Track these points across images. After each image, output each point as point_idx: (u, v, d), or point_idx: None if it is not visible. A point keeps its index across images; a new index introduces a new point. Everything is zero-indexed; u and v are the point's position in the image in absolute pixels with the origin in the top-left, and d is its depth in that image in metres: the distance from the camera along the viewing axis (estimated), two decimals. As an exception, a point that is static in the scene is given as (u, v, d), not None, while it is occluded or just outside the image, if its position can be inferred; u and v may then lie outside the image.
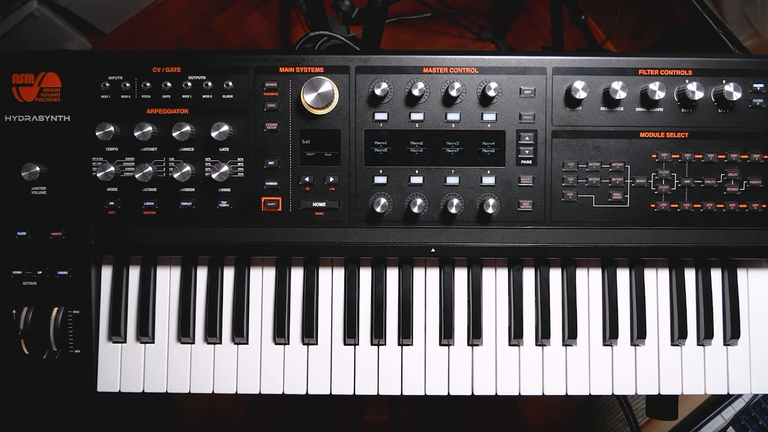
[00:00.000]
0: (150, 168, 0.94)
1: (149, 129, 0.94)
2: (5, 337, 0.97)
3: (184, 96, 0.96)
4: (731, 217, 0.96)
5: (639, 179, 0.96)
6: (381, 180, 0.96)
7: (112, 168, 0.94)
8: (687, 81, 0.95)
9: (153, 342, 1.01)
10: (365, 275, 1.02)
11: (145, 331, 0.99)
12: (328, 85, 0.94)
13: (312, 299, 1.00)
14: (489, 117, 0.96)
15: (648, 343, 1.00)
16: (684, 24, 1.87)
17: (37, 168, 0.94)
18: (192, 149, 0.96)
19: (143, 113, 0.96)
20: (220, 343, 1.01)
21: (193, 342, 1.01)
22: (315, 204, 0.97)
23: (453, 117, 0.96)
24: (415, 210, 0.94)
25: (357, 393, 0.99)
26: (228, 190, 0.96)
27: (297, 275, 1.01)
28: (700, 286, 1.01)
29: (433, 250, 0.97)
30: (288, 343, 1.00)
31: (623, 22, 1.96)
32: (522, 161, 0.96)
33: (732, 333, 1.00)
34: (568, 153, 0.96)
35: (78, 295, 0.98)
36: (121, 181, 0.96)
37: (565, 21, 1.76)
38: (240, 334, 0.99)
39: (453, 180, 0.96)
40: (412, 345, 1.00)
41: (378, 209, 0.94)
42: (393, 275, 1.02)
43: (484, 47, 2.18)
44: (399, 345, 1.00)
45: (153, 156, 0.96)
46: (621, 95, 0.93)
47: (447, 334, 0.99)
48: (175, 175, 0.94)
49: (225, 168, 0.94)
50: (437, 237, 0.97)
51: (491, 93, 0.93)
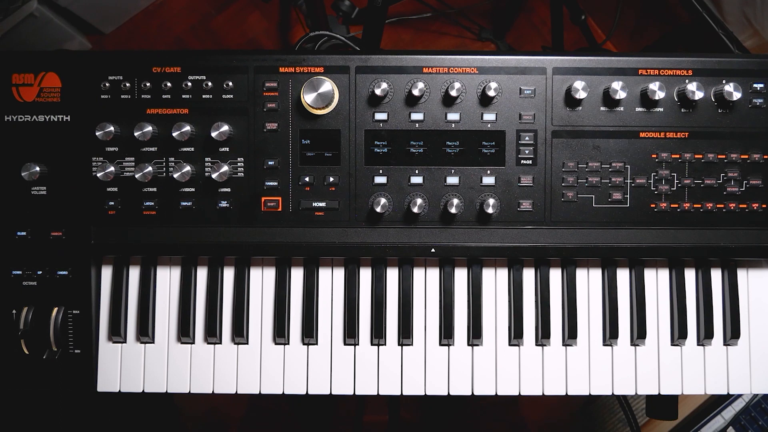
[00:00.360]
0: (150, 168, 0.94)
1: (149, 129, 0.94)
2: (5, 337, 0.97)
3: (184, 96, 0.96)
4: (731, 217, 0.96)
5: (639, 179, 0.96)
6: (381, 180, 0.96)
7: (112, 168, 0.94)
8: (687, 81, 0.95)
9: (153, 342, 1.01)
10: (365, 275, 1.02)
11: (145, 331, 0.99)
12: (328, 85, 0.94)
13: (312, 299, 1.00)
14: (489, 117, 0.96)
15: (648, 343, 1.00)
16: (684, 24, 1.87)
17: (37, 168, 0.94)
18: (192, 149, 0.96)
19: (143, 113, 0.96)
20: (220, 343, 1.01)
21: (193, 342, 1.01)
22: (315, 204, 0.97)
23: (453, 117, 0.96)
24: (415, 210, 0.94)
25: (357, 393, 0.99)
26: (228, 190, 0.96)
27: (297, 275, 1.01)
28: (700, 286, 1.01)
29: (433, 250, 0.97)
30: (288, 343, 1.00)
31: (623, 22, 1.96)
32: (522, 161, 0.96)
33: (732, 333, 1.00)
34: (568, 153, 0.96)
35: (78, 295, 0.98)
36: (121, 181, 0.96)
37: (565, 21, 1.76)
38: (240, 334, 0.99)
39: (453, 180, 0.96)
40: (412, 345, 1.00)
41: (378, 209, 0.94)
42: (393, 275, 1.02)
43: (484, 47, 2.18)
44: (399, 345, 1.00)
45: (153, 156, 0.96)
46: (621, 95, 0.93)
47: (447, 334, 0.99)
48: (175, 175, 0.94)
49: (225, 168, 0.94)
50: (437, 237, 0.97)
51: (491, 93, 0.93)
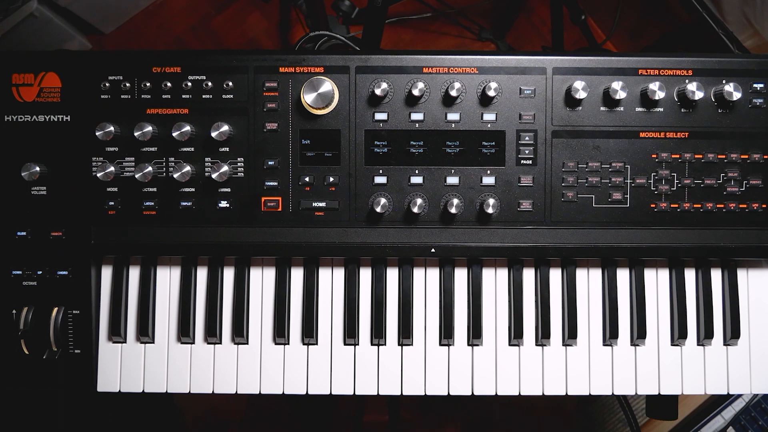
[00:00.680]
0: (150, 168, 0.94)
1: (149, 129, 0.94)
2: (5, 337, 0.97)
3: (184, 96, 0.96)
4: (731, 217, 0.96)
5: (639, 179, 0.96)
6: (381, 180, 0.96)
7: (112, 168, 0.94)
8: (687, 81, 0.95)
9: (153, 342, 1.01)
10: (365, 275, 1.02)
11: (145, 331, 0.99)
12: (328, 85, 0.94)
13: (312, 299, 1.00)
14: (489, 117, 0.96)
15: (648, 343, 1.00)
16: (684, 24, 1.87)
17: (37, 168, 0.94)
18: (192, 149, 0.96)
19: (143, 113, 0.96)
20: (220, 343, 1.01)
21: (193, 342, 1.01)
22: (315, 204, 0.97)
23: (453, 117, 0.96)
24: (415, 210, 0.94)
25: (357, 393, 0.99)
26: (228, 190, 0.96)
27: (297, 275, 1.01)
28: (700, 286, 1.01)
29: (433, 250, 0.97)
30: (288, 343, 1.00)
31: (623, 22, 1.96)
32: (522, 161, 0.96)
33: (732, 333, 1.00)
34: (568, 153, 0.96)
35: (78, 295, 0.98)
36: (121, 181, 0.96)
37: (565, 21, 1.76)
38: (240, 334, 0.99)
39: (453, 180, 0.96)
40: (412, 345, 1.00)
41: (378, 209, 0.94)
42: (393, 275, 1.02)
43: (484, 47, 2.18)
44: (399, 345, 1.00)
45: (153, 156, 0.96)
46: (621, 95, 0.93)
47: (447, 334, 0.99)
48: (175, 175, 0.94)
49: (225, 168, 0.94)
50: (437, 237, 0.97)
51: (491, 93, 0.93)
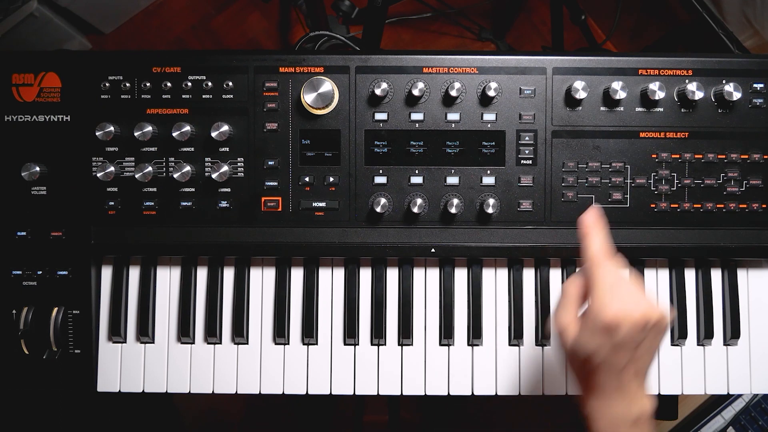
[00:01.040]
0: (150, 168, 0.94)
1: (149, 129, 0.94)
2: (5, 337, 0.97)
3: (184, 96, 0.96)
4: (731, 217, 0.96)
5: (639, 179, 0.96)
6: (381, 180, 0.96)
7: (112, 168, 0.94)
8: (687, 81, 0.95)
9: (153, 342, 1.01)
10: (365, 275, 1.02)
11: (145, 331, 0.99)
12: (328, 85, 0.94)
13: (312, 299, 1.00)
14: (489, 117, 0.96)
15: (648, 343, 1.00)
16: (684, 24, 1.87)
17: (37, 168, 0.94)
18: (192, 149, 0.96)
19: (143, 113, 0.96)
20: (220, 343, 1.01)
21: (193, 342, 1.01)
22: (315, 204, 0.97)
23: (453, 117, 0.96)
24: (415, 210, 0.94)
25: (357, 393, 0.99)
26: (228, 190, 0.96)
27: (297, 275, 1.01)
28: (700, 286, 1.01)
29: (433, 250, 0.97)
30: (288, 343, 1.00)
31: (623, 22, 1.96)
32: (522, 161, 0.96)
33: (732, 333, 1.00)
34: (568, 153, 0.96)
35: (78, 295, 0.98)
36: (121, 181, 0.96)
37: (565, 21, 1.76)
38: (240, 334, 0.99)
39: (453, 180, 0.96)
40: (412, 345, 1.00)
41: (378, 209, 0.94)
42: (393, 275, 1.02)
43: (484, 47, 2.18)
44: (399, 345, 1.00)
45: (153, 156, 0.96)
46: (621, 95, 0.93)
47: (447, 334, 0.99)
48: (175, 175, 0.94)
49: (225, 168, 0.94)
50: (437, 237, 0.97)
51: (491, 93, 0.93)
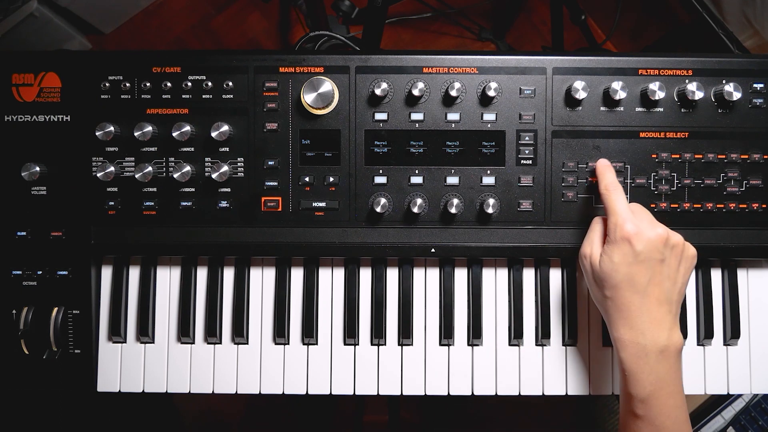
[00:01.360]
0: (150, 168, 0.94)
1: (149, 129, 0.94)
2: (5, 337, 0.97)
3: (184, 96, 0.96)
4: (731, 217, 0.96)
5: (639, 179, 0.96)
6: (381, 180, 0.96)
7: (112, 168, 0.94)
8: (687, 81, 0.95)
9: (153, 342, 1.01)
10: (365, 275, 1.02)
11: (145, 331, 0.99)
12: (328, 85, 0.94)
13: (312, 299, 1.00)
14: (489, 117, 0.96)
15: (648, 343, 1.00)
16: (684, 24, 1.87)
17: (37, 168, 0.94)
18: (192, 149, 0.96)
19: (143, 113, 0.96)
20: (220, 343, 1.01)
21: (193, 342, 1.01)
22: (315, 204, 0.97)
23: (453, 117, 0.96)
24: (415, 210, 0.94)
25: (357, 393, 0.99)
26: (228, 190, 0.96)
27: (297, 275, 1.01)
28: (699, 286, 1.01)
29: (433, 250, 0.97)
30: (288, 343, 1.00)
31: (623, 22, 1.96)
32: (522, 161, 0.96)
33: (732, 333, 1.00)
34: (568, 153, 0.96)
35: (78, 295, 0.98)
36: (121, 181, 0.96)
37: (565, 21, 1.76)
38: (240, 334, 0.99)
39: (453, 180, 0.96)
40: (412, 345, 1.00)
41: (378, 209, 0.94)
42: (393, 275, 1.02)
43: (484, 47, 2.18)
44: (399, 345, 1.00)
45: (153, 156, 0.96)
46: (621, 95, 0.93)
47: (447, 334, 0.99)
48: (175, 175, 0.94)
49: (225, 168, 0.94)
50: (437, 237, 0.97)
51: (491, 93, 0.93)
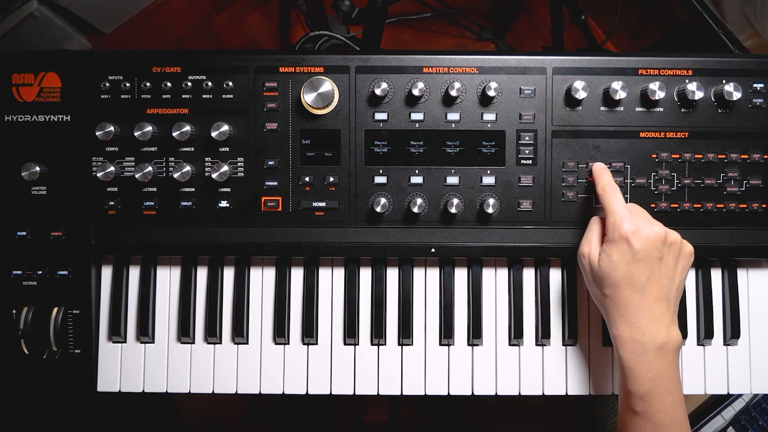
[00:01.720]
0: (150, 168, 0.94)
1: (149, 129, 0.94)
2: (5, 337, 0.97)
3: (184, 96, 0.96)
4: (731, 217, 0.96)
5: (639, 179, 0.96)
6: (381, 180, 0.96)
7: (112, 168, 0.94)
8: (687, 81, 0.95)
9: (153, 342, 1.01)
10: (365, 275, 1.02)
11: (145, 331, 0.99)
12: (328, 85, 0.94)
13: (312, 299, 1.00)
14: (489, 117, 0.96)
15: (648, 343, 1.00)
16: (684, 24, 1.87)
17: (37, 168, 0.94)
18: (192, 149, 0.96)
19: (143, 113, 0.96)
20: (220, 343, 1.01)
21: (193, 342, 1.01)
22: (315, 204, 0.97)
23: (453, 117, 0.96)
24: (415, 210, 0.94)
25: (357, 393, 0.99)
26: (228, 190, 0.96)
27: (297, 275, 1.01)
28: (699, 286, 1.01)
29: (433, 250, 0.97)
30: (288, 343, 1.00)
31: (623, 22, 1.96)
32: (522, 161, 0.96)
33: (732, 333, 1.00)
34: (568, 153, 0.96)
35: (78, 295, 0.98)
36: (121, 181, 0.96)
37: (565, 21, 1.76)
38: (240, 334, 0.99)
39: (453, 180, 0.96)
40: (412, 345, 1.00)
41: (378, 209, 0.94)
42: (393, 275, 1.02)
43: (484, 47, 2.18)
44: (399, 345, 1.00)
45: (153, 156, 0.96)
46: (621, 95, 0.93)
47: (447, 334, 0.99)
48: (175, 175, 0.94)
49: (225, 168, 0.94)
50: (437, 237, 0.97)
51: (491, 93, 0.93)
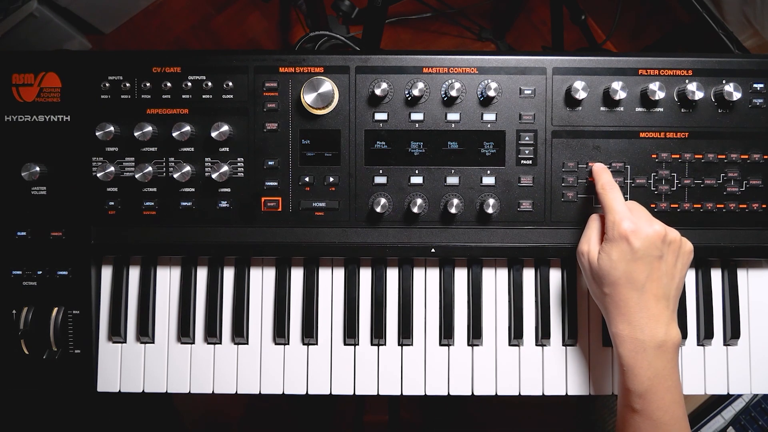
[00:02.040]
0: (150, 168, 0.94)
1: (149, 129, 0.94)
2: (5, 337, 0.97)
3: (184, 96, 0.96)
4: (731, 217, 0.96)
5: (639, 179, 0.96)
6: (381, 180, 0.96)
7: (112, 168, 0.94)
8: (687, 81, 0.95)
9: (153, 342, 1.01)
10: (365, 275, 1.02)
11: (145, 331, 0.99)
12: (328, 85, 0.94)
13: (312, 299, 1.00)
14: (489, 117, 0.96)
15: (648, 343, 1.00)
16: (684, 24, 1.87)
17: (37, 168, 0.94)
18: (192, 149, 0.96)
19: (143, 113, 0.96)
20: (220, 343, 1.01)
21: (193, 342, 1.01)
22: (315, 204, 0.97)
23: (453, 117, 0.96)
24: (415, 210, 0.94)
25: (357, 393, 0.99)
26: (228, 190, 0.96)
27: (297, 275, 1.01)
28: (700, 286, 1.01)
29: (433, 250, 0.97)
30: (288, 343, 1.00)
31: (623, 22, 1.96)
32: (522, 161, 0.96)
33: (732, 333, 1.00)
34: (568, 153, 0.96)
35: (78, 295, 0.98)
36: (121, 181, 0.96)
37: (565, 21, 1.76)
38: (240, 334, 0.99)
39: (453, 180, 0.96)
40: (412, 345, 1.00)
41: (378, 209, 0.94)
42: (393, 275, 1.02)
43: (484, 47, 2.18)
44: (399, 345, 1.00)
45: (153, 156, 0.96)
46: (621, 95, 0.93)
47: (447, 334, 0.99)
48: (175, 175, 0.94)
49: (225, 168, 0.94)
50: (437, 237, 0.97)
51: (491, 93, 0.93)
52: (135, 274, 1.01)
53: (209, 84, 0.96)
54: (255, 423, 1.90)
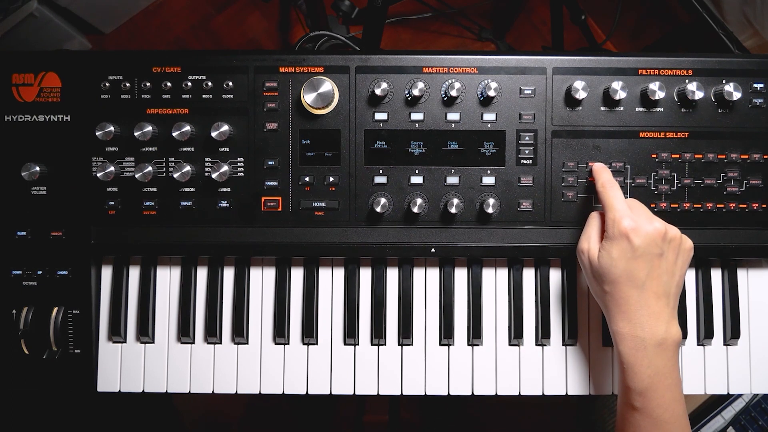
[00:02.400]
0: (150, 168, 0.94)
1: (149, 129, 0.94)
2: (5, 337, 0.97)
3: (184, 96, 0.96)
4: (731, 217, 0.96)
5: (639, 179, 0.96)
6: (381, 180, 0.96)
7: (112, 168, 0.94)
8: (687, 81, 0.95)
9: (153, 342, 1.01)
10: (365, 275, 1.02)
11: (145, 331, 0.99)
12: (328, 85, 0.94)
13: (312, 299, 1.00)
14: (489, 117, 0.96)
15: (648, 343, 1.00)
16: (684, 24, 1.87)
17: (37, 168, 0.94)
18: (192, 149, 0.96)
19: (143, 113, 0.96)
20: (220, 343, 1.01)
21: (193, 342, 1.01)
22: (315, 204, 0.97)
23: (453, 117, 0.96)
24: (415, 210, 0.94)
25: (357, 393, 0.99)
26: (228, 190, 0.96)
27: (297, 275, 1.01)
28: (700, 286, 1.01)
29: (433, 250, 0.97)
30: (288, 343, 1.00)
31: (623, 22, 1.96)
32: (522, 161, 0.96)
33: (732, 333, 1.00)
34: (568, 153, 0.96)
35: (78, 295, 0.98)
36: (121, 181, 0.96)
37: (565, 21, 1.76)
38: (240, 334, 0.99)
39: (453, 180, 0.96)
40: (412, 345, 1.00)
41: (378, 209, 0.94)
42: (393, 275, 1.02)
43: (484, 47, 2.18)
44: (399, 345, 1.00)
45: (153, 156, 0.96)
46: (621, 95, 0.93)
47: (447, 334, 0.99)
48: (175, 175, 0.94)
49: (225, 168, 0.94)
50: (437, 237, 0.97)
51: (491, 93, 0.93)
52: (135, 273, 1.01)
53: (209, 84, 0.96)
54: (255, 423, 1.90)
